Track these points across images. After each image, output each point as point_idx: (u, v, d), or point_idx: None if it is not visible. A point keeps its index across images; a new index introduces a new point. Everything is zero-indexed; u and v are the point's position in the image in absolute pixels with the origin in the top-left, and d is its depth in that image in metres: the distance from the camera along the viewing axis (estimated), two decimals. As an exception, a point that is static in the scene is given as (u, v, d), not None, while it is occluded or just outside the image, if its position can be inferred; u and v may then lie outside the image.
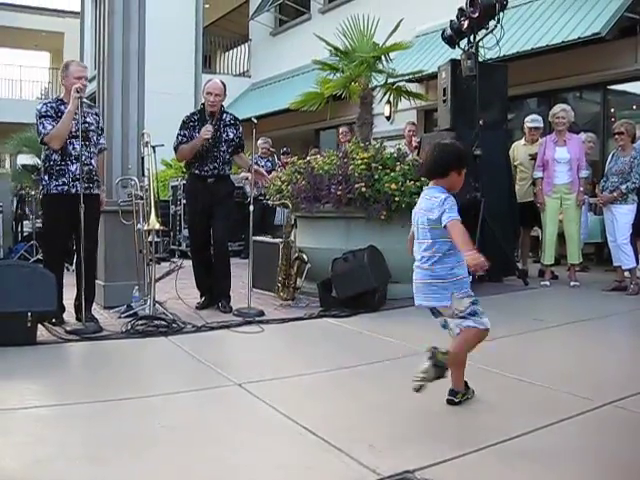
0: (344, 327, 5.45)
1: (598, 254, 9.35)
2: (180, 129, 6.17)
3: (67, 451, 2.85)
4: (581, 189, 7.49)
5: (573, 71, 10.25)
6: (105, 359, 4.62)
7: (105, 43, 6.35)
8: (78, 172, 5.25)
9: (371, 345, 4.82)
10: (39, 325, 4.84)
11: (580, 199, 7.48)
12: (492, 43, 7.57)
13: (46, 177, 5.36)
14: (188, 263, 6.59)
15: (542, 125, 8.45)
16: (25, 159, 14.92)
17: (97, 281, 5.82)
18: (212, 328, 5.33)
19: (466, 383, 3.44)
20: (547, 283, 7.54)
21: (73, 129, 5.26)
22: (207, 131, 5.92)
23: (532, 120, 8.42)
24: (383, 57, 8.22)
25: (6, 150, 19.50)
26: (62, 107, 5.33)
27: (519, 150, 8.38)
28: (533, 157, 7.96)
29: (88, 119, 5.44)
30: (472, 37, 7.67)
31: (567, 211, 7.51)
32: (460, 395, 3.38)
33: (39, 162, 12.73)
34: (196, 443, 2.94)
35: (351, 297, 5.92)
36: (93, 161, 5.45)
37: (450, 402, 3.35)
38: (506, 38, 8.44)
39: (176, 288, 6.05)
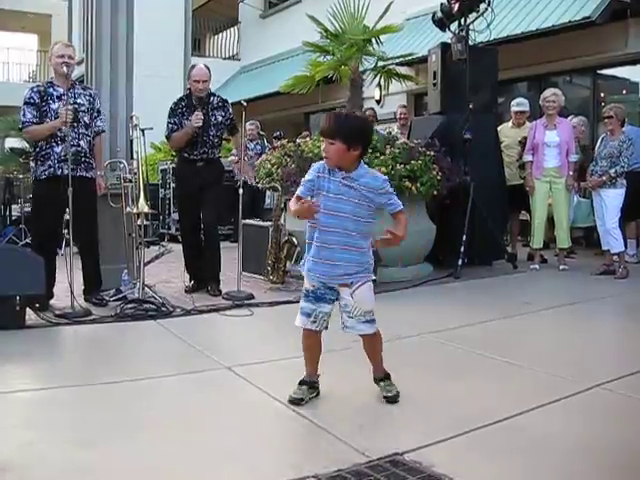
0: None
1: (587, 238, 9.38)
2: (169, 117, 6.12)
3: (54, 435, 2.85)
4: (571, 173, 7.50)
5: (563, 55, 10.23)
6: (94, 343, 4.62)
7: (93, 26, 6.29)
8: (63, 153, 5.20)
9: (360, 328, 4.83)
10: (28, 309, 4.83)
11: (570, 183, 7.49)
12: (483, 26, 7.53)
13: (34, 163, 5.33)
14: (177, 247, 6.58)
15: (528, 109, 8.44)
16: (13, 142, 14.80)
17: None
18: (201, 311, 5.33)
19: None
20: (536, 267, 7.56)
21: (59, 111, 5.20)
22: (198, 119, 5.89)
23: (518, 104, 8.41)
24: (374, 40, 8.19)
25: (-6, 133, 19.34)
26: (50, 89, 5.29)
27: (506, 132, 8.38)
28: (522, 142, 7.97)
29: (79, 100, 5.38)
30: (463, 20, 7.63)
31: (556, 195, 7.52)
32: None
33: (27, 146, 12.67)
34: (185, 426, 2.95)
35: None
36: (82, 142, 5.35)
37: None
38: (497, 21, 8.40)
39: (183, 275, 6.09)
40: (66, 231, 5.29)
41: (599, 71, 10.64)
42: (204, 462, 2.58)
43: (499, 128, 8.38)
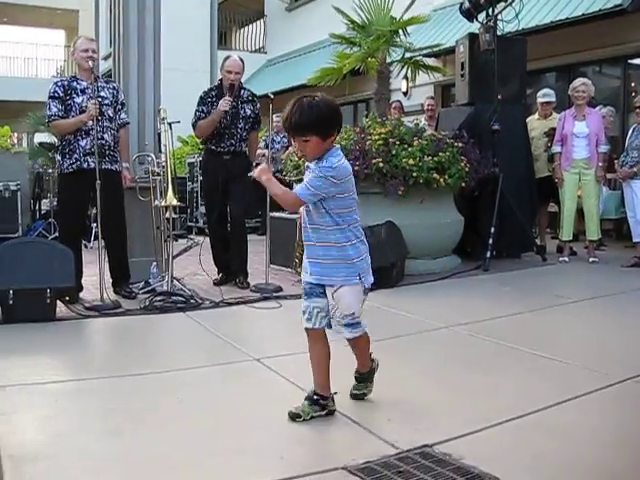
0: (361, 303, 5.44)
1: (617, 230, 9.26)
2: (198, 105, 6.12)
3: (87, 425, 2.88)
4: (600, 164, 7.39)
5: (593, 44, 10.08)
6: (123, 335, 4.66)
7: (120, 20, 6.34)
8: (88, 147, 5.25)
9: (388, 321, 4.82)
10: (59, 301, 4.89)
11: (599, 174, 7.39)
12: (511, 16, 7.46)
13: (59, 157, 5.39)
14: (205, 240, 6.60)
15: (554, 99, 8.32)
16: (42, 137, 14.97)
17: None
18: (230, 304, 5.36)
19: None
20: (566, 259, 7.48)
21: (83, 104, 5.26)
22: (225, 102, 5.86)
23: (544, 95, 8.29)
24: (400, 31, 8.15)
25: (23, 128, 19.54)
26: (74, 84, 5.34)
27: (532, 124, 8.27)
28: (548, 134, 7.87)
29: (102, 93, 5.42)
30: (491, 10, 7.55)
31: (586, 186, 7.42)
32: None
33: (56, 140, 12.81)
34: (215, 417, 2.96)
35: (368, 273, 5.90)
36: (106, 136, 5.38)
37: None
38: (525, 11, 8.31)
39: (202, 266, 6.07)
40: (95, 224, 5.34)
41: (630, 60, 10.47)
42: (232, 454, 2.59)
43: (527, 120, 8.29)
